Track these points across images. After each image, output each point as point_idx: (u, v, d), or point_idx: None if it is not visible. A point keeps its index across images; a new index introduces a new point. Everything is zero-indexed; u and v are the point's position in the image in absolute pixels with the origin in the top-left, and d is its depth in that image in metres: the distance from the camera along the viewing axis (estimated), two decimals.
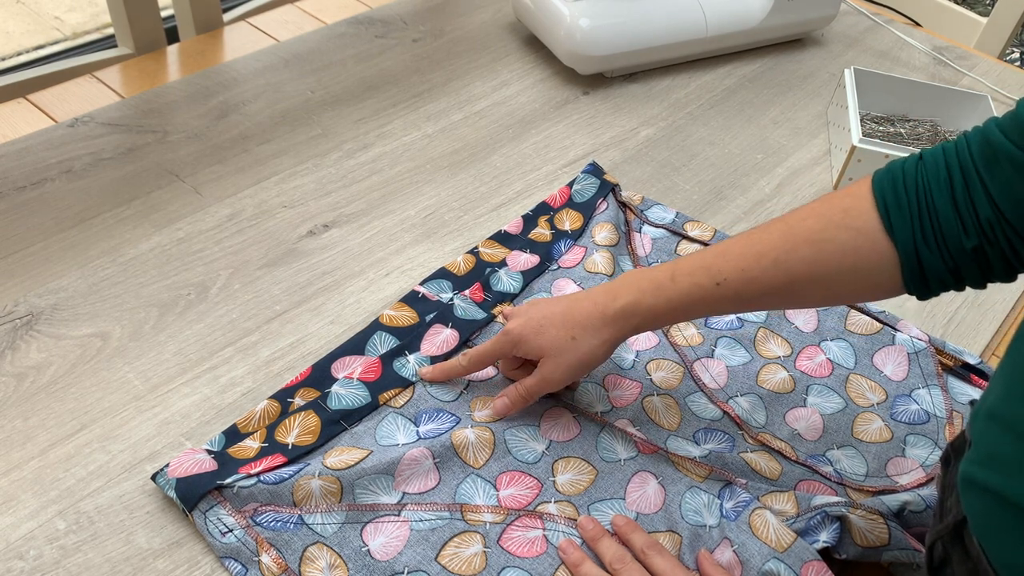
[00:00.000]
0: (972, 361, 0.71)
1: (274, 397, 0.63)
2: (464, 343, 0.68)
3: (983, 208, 0.48)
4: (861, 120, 0.94)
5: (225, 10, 1.13)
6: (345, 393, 0.64)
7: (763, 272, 0.54)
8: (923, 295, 0.52)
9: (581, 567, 0.54)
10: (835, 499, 0.58)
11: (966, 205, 0.49)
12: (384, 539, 0.56)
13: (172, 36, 1.06)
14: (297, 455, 0.59)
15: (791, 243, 0.53)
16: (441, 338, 0.68)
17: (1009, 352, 0.46)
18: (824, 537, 0.56)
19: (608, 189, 0.84)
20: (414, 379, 0.66)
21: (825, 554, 0.56)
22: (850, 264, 0.52)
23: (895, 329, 0.73)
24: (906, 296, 0.53)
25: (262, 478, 0.56)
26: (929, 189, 0.50)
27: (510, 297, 0.73)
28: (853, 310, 0.75)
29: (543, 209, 0.82)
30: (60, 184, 0.81)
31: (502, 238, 0.79)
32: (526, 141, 0.92)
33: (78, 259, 0.74)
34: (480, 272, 0.75)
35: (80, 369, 0.65)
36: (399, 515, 0.57)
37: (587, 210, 0.82)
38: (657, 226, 0.82)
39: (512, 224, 0.80)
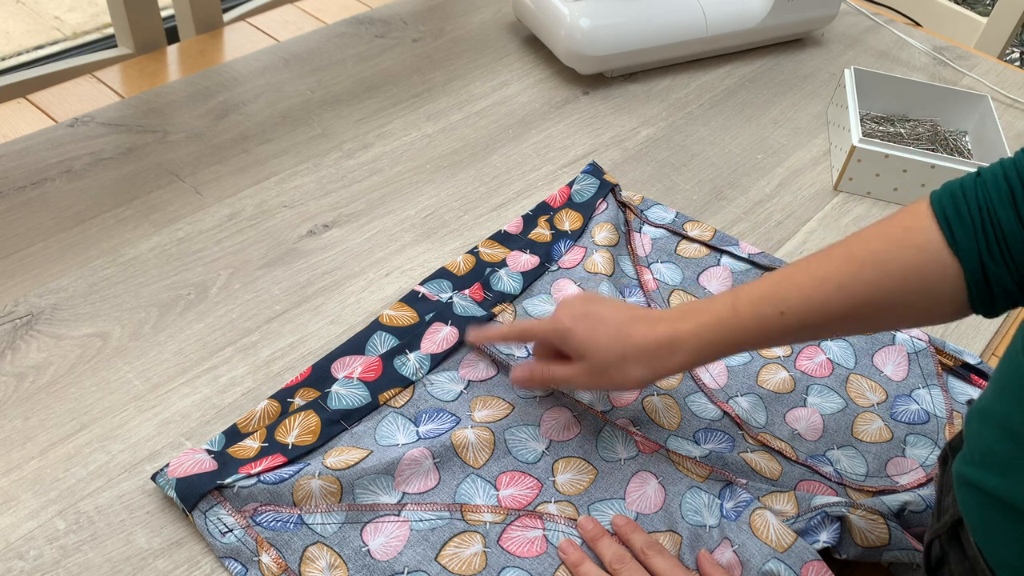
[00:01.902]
0: (972, 361, 0.71)
1: (274, 397, 0.63)
2: (463, 340, 0.68)
3: None
4: (861, 120, 0.94)
5: (225, 10, 1.13)
6: (345, 393, 0.64)
7: (827, 298, 0.52)
8: (989, 312, 0.51)
9: (581, 567, 0.54)
10: (835, 499, 0.58)
11: None
12: (384, 539, 0.56)
13: (172, 36, 1.06)
14: (297, 455, 0.59)
15: (854, 266, 0.52)
16: (441, 336, 0.68)
17: (1006, 352, 0.46)
18: (824, 537, 0.56)
19: (608, 189, 0.84)
20: (414, 378, 0.66)
21: (825, 554, 0.56)
22: (915, 284, 0.51)
23: (895, 328, 0.73)
24: None
25: (262, 478, 0.56)
26: (991, 202, 0.49)
27: (510, 297, 0.73)
28: None
29: (543, 209, 0.82)
30: (60, 184, 0.81)
31: (502, 238, 0.79)
32: (526, 141, 0.92)
33: (78, 259, 0.74)
34: (480, 272, 0.75)
35: (80, 369, 0.65)
36: (399, 515, 0.57)
37: (587, 210, 0.82)
38: (657, 226, 0.82)
39: (512, 224, 0.80)
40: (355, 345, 0.68)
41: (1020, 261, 0.48)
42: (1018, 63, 2.41)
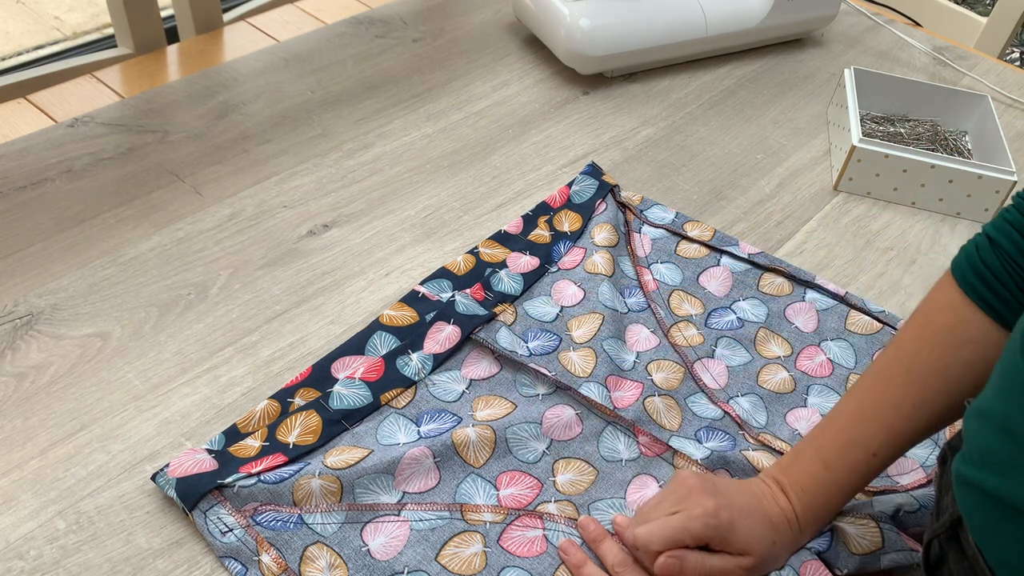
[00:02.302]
0: None
1: (274, 397, 0.63)
2: (466, 339, 0.68)
3: None
4: (861, 120, 0.94)
5: (225, 10, 1.13)
6: (347, 393, 0.64)
7: (909, 422, 0.52)
8: None
9: (583, 569, 0.54)
10: None
11: None
12: (384, 539, 0.56)
13: (172, 36, 1.06)
14: (298, 454, 0.59)
15: (919, 383, 0.52)
16: (443, 335, 0.68)
17: (1004, 352, 0.46)
18: (815, 546, 0.56)
19: (607, 190, 0.84)
20: (416, 378, 0.66)
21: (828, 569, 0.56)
22: (983, 372, 0.50)
23: (895, 329, 0.73)
24: (907, 294, 0.52)
25: (262, 478, 0.56)
26: (1020, 268, 0.49)
27: (511, 298, 0.73)
28: (853, 310, 0.75)
29: (543, 209, 0.82)
30: (60, 184, 0.81)
31: (502, 238, 0.79)
32: (526, 141, 0.92)
33: (78, 259, 0.74)
34: (480, 272, 0.75)
35: (80, 369, 0.65)
36: (399, 515, 0.57)
37: (586, 211, 0.82)
38: (657, 226, 0.82)
39: (512, 224, 0.80)
40: (355, 345, 0.68)
41: None
42: (1018, 63, 2.41)
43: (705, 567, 0.52)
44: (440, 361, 0.67)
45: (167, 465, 0.58)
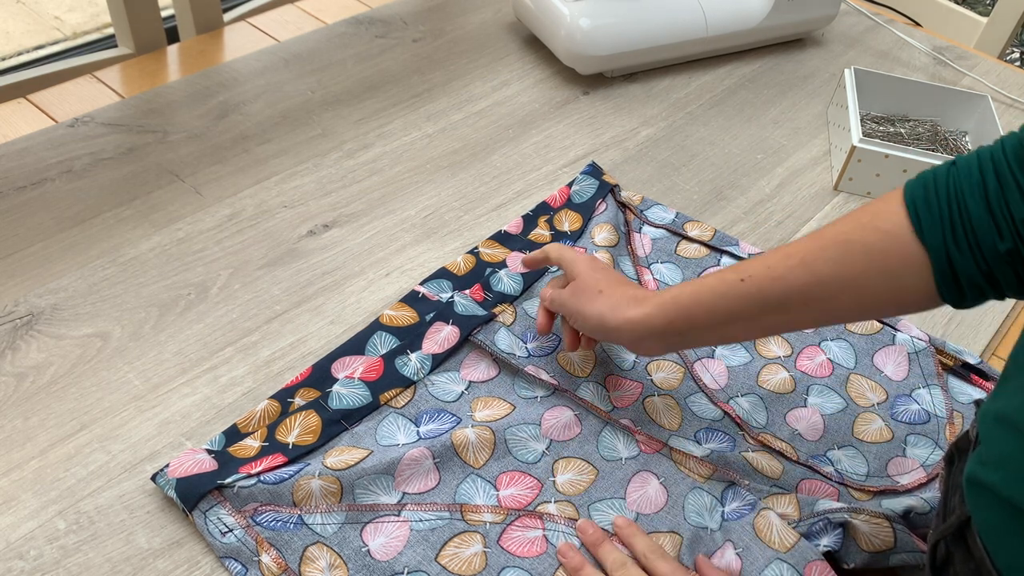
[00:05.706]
0: (972, 361, 0.71)
1: (274, 397, 0.63)
2: (465, 339, 0.68)
3: (1018, 209, 0.46)
4: (861, 120, 0.94)
5: (225, 10, 1.13)
6: (346, 393, 0.64)
7: (789, 271, 0.53)
8: (958, 302, 0.50)
9: (582, 572, 0.54)
10: (837, 505, 0.58)
11: (1000, 207, 0.47)
12: (384, 539, 0.56)
13: (172, 36, 1.06)
14: (297, 455, 0.59)
15: (818, 244, 0.53)
16: (442, 335, 0.68)
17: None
18: (826, 541, 0.56)
19: (607, 190, 0.84)
20: (415, 378, 0.66)
21: (833, 564, 0.56)
22: (878, 266, 0.50)
23: (895, 329, 0.73)
24: None
25: (262, 478, 0.56)
26: (961, 191, 0.48)
27: (511, 298, 0.73)
28: None
29: (543, 209, 0.82)
30: (60, 184, 0.81)
31: (502, 238, 0.79)
32: (526, 141, 0.92)
33: (78, 259, 0.74)
34: (480, 272, 0.75)
35: (80, 369, 0.65)
36: (399, 515, 0.57)
37: (586, 211, 0.82)
38: (657, 226, 0.82)
39: (512, 224, 0.80)
40: (355, 345, 0.68)
41: (988, 253, 0.47)
42: (1018, 63, 2.41)
43: (555, 298, 0.66)
44: (439, 361, 0.67)
45: (167, 465, 0.58)
